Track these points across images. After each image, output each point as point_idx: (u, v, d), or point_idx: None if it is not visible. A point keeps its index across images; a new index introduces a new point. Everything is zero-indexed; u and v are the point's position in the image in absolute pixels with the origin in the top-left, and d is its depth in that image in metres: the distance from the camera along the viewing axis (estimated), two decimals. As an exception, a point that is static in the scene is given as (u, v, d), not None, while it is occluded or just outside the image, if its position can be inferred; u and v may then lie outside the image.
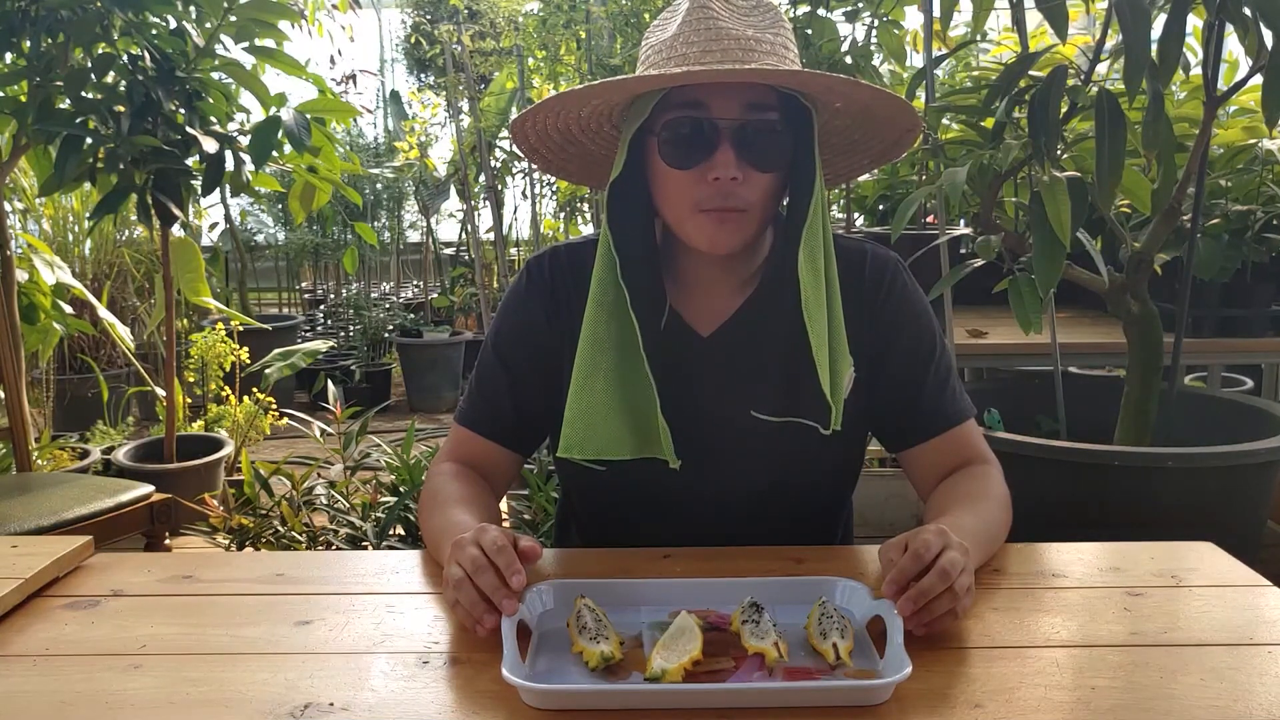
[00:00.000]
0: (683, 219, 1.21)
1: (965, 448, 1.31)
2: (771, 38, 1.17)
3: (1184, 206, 2.18)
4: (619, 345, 1.21)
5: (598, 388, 1.21)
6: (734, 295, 1.30)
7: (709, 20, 1.16)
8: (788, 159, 1.20)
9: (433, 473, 1.33)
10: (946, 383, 1.31)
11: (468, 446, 1.34)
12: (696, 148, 1.16)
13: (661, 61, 1.18)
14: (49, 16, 2.64)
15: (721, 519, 1.29)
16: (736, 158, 1.15)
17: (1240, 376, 3.89)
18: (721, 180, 1.16)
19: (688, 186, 1.18)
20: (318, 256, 6.63)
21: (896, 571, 0.97)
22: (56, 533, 2.15)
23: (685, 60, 1.15)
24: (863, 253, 1.32)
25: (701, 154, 1.16)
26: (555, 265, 1.34)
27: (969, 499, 1.22)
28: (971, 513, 1.19)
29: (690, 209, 1.19)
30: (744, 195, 1.17)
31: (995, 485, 1.27)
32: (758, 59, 1.15)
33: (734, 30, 1.16)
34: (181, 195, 2.90)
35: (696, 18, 1.17)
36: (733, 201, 1.17)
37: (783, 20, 1.21)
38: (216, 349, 3.86)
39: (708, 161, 1.16)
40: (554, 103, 1.20)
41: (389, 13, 7.31)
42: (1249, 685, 0.89)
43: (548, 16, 3.63)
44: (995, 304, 2.34)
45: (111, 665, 0.96)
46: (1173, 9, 1.86)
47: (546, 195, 5.09)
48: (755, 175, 1.17)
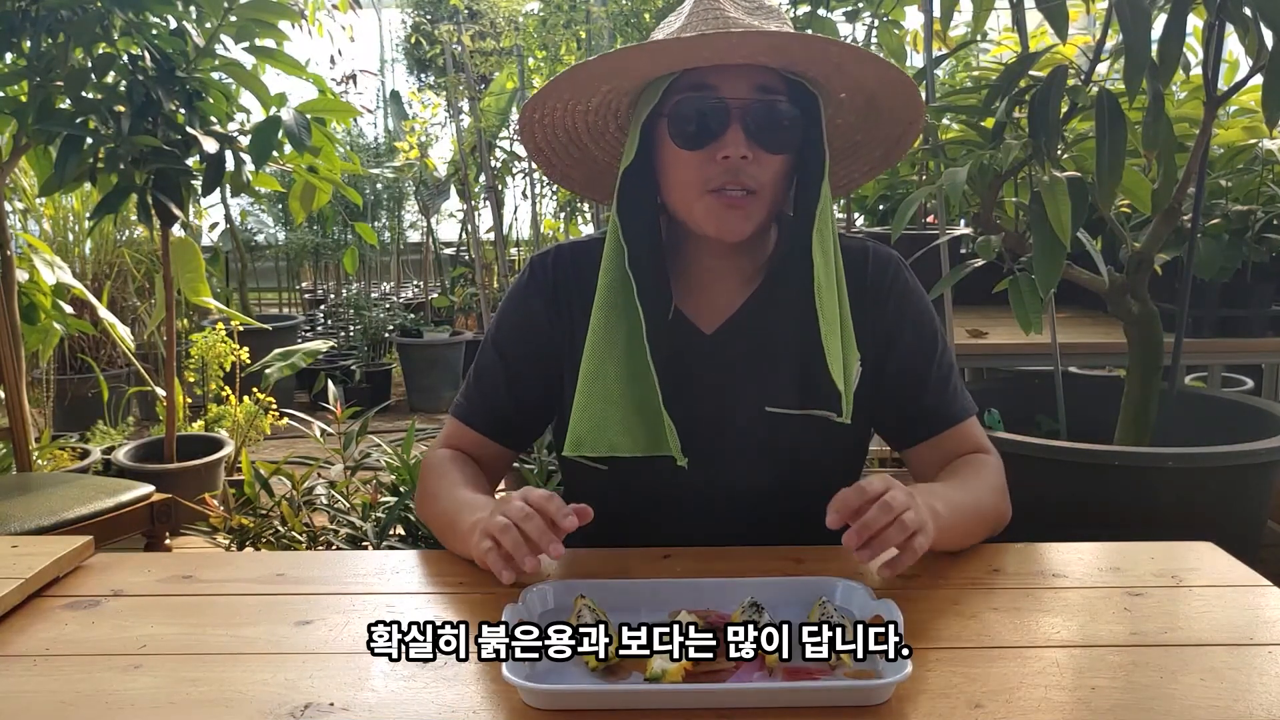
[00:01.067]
0: (691, 202, 1.22)
1: (967, 443, 1.32)
2: (776, 28, 1.19)
3: (1184, 206, 2.18)
4: (626, 341, 1.21)
5: (606, 384, 1.21)
6: (737, 292, 1.30)
7: (716, 11, 1.18)
8: (796, 142, 1.21)
9: (431, 458, 1.34)
10: (949, 380, 1.32)
11: (461, 439, 1.35)
12: (706, 128, 1.18)
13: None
14: (49, 16, 2.63)
15: (726, 517, 1.29)
16: (746, 137, 1.17)
17: (1240, 377, 3.89)
18: (731, 159, 1.17)
19: (697, 167, 1.19)
20: (318, 256, 6.63)
21: (837, 500, 1.03)
22: (57, 533, 2.15)
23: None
24: (864, 251, 1.32)
25: (711, 134, 1.18)
26: (559, 264, 1.34)
27: (952, 476, 1.26)
28: (949, 484, 1.22)
29: (699, 191, 1.20)
30: (754, 175, 1.18)
31: (987, 471, 1.28)
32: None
33: (741, 20, 1.18)
34: (182, 195, 2.90)
35: (705, 7, 1.19)
36: (742, 179, 1.18)
37: (783, 19, 1.24)
38: (217, 349, 3.86)
39: (718, 141, 1.17)
40: (565, 82, 1.20)
41: (389, 13, 7.32)
42: (1249, 685, 0.89)
43: (548, 16, 3.64)
44: (995, 304, 2.34)
45: (112, 665, 0.95)
46: (1173, 9, 1.86)
47: (547, 195, 5.09)
48: (765, 156, 1.18)
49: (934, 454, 1.32)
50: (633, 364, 1.21)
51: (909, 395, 1.31)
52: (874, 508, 1.02)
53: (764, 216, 1.23)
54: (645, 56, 1.17)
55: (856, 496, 1.03)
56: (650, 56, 1.16)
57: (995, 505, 1.25)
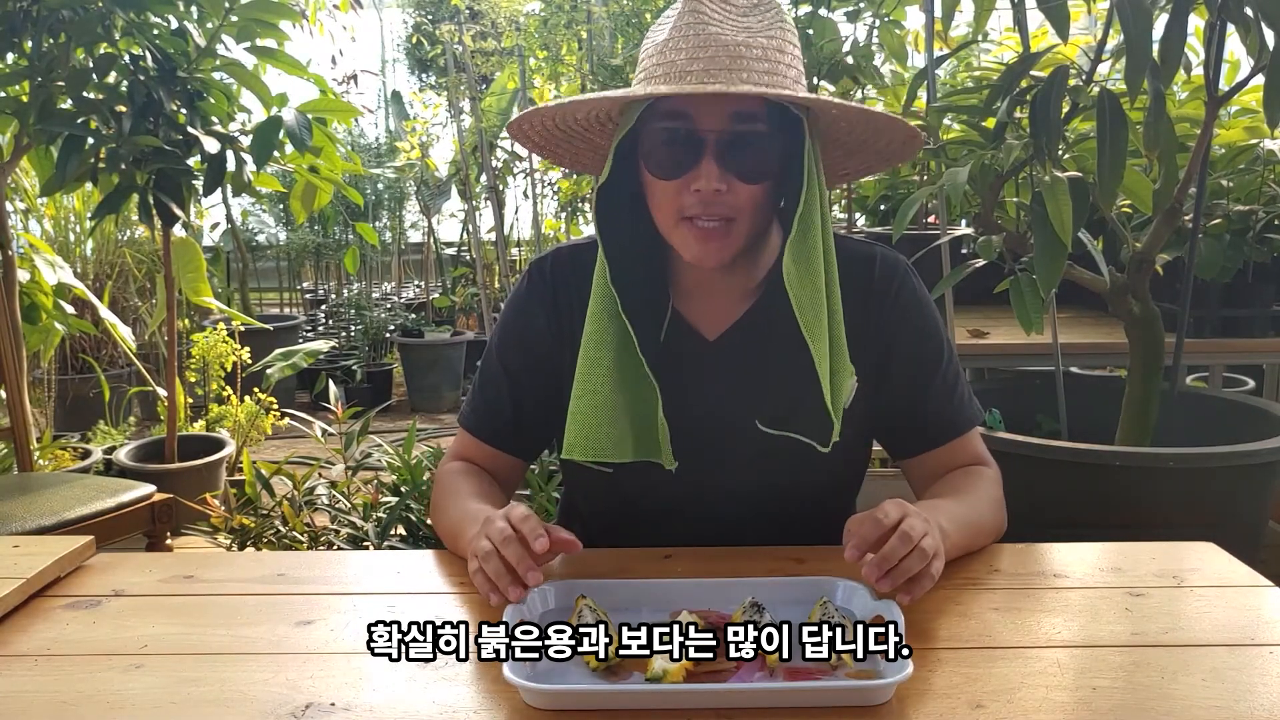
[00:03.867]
0: (669, 229, 1.21)
1: (965, 455, 1.31)
2: (765, 41, 1.14)
3: (1185, 207, 2.18)
4: (616, 349, 1.21)
5: (598, 390, 1.21)
6: (740, 300, 1.29)
7: (699, 26, 1.13)
8: (775, 169, 1.18)
9: (442, 472, 1.34)
10: (954, 390, 1.31)
11: (470, 451, 1.36)
12: (680, 158, 1.15)
13: (652, 68, 1.16)
14: (50, 16, 2.64)
15: (724, 522, 1.28)
16: (720, 169, 1.14)
17: (1241, 377, 3.89)
18: (704, 192, 1.15)
19: (673, 195, 1.17)
20: (319, 256, 6.63)
21: (857, 538, 1.01)
22: (58, 533, 2.15)
23: (673, 68, 1.13)
24: (872, 257, 1.30)
25: (685, 165, 1.15)
26: (558, 267, 1.34)
27: (955, 492, 1.24)
28: (953, 500, 1.20)
29: (675, 218, 1.18)
30: (729, 204, 1.16)
31: (987, 484, 1.28)
32: (745, 67, 1.12)
33: (724, 36, 1.13)
34: (183, 195, 2.90)
35: (687, 21, 1.14)
36: (716, 209, 1.16)
37: (783, 20, 1.18)
38: (218, 349, 3.86)
39: (692, 172, 1.15)
40: (540, 112, 1.20)
41: (390, 13, 7.32)
42: (1250, 685, 0.89)
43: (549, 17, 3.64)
44: (996, 304, 2.33)
45: (113, 665, 0.96)
46: (1174, 9, 1.86)
47: (548, 195, 5.09)
48: (741, 186, 1.16)
49: (932, 465, 1.31)
50: (625, 370, 1.20)
51: (909, 405, 1.30)
52: (894, 539, 1.00)
53: (743, 241, 1.20)
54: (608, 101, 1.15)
55: (874, 528, 1.01)
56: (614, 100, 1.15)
57: (994, 518, 1.25)
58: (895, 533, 1.00)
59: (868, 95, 3.03)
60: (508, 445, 1.35)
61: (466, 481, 1.29)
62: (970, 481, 1.27)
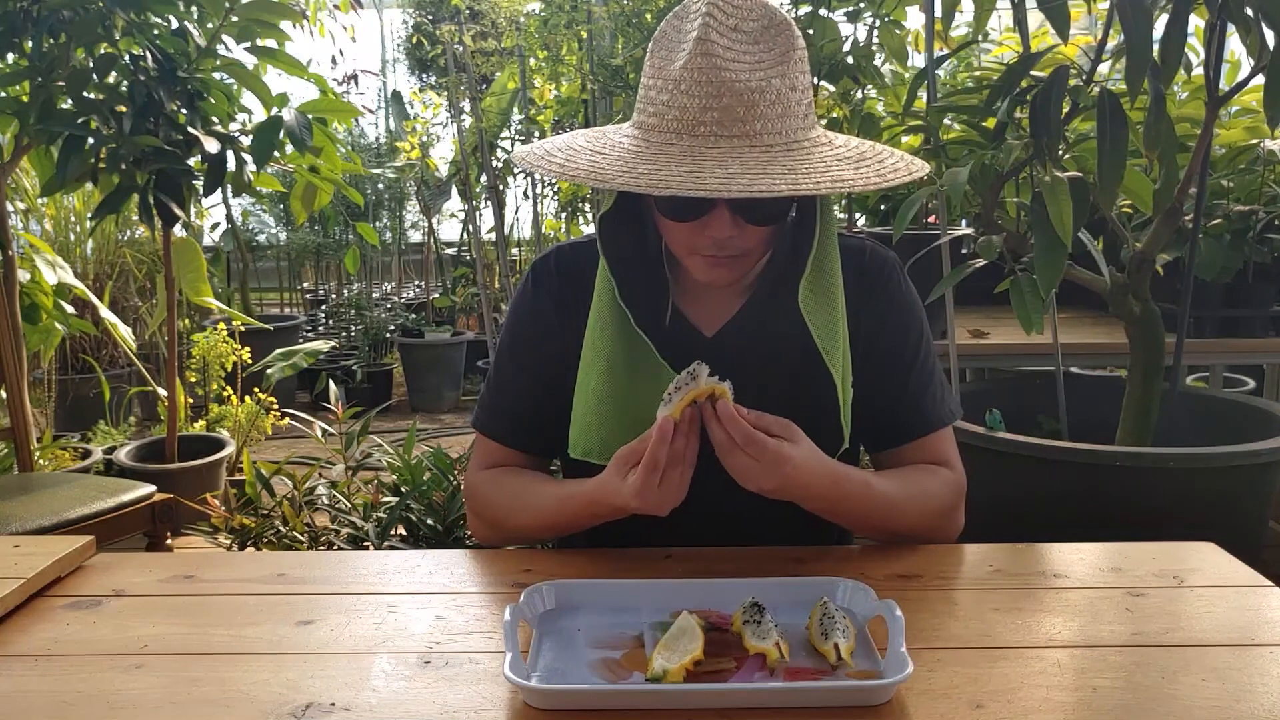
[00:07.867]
0: (680, 255, 1.23)
1: (930, 453, 1.31)
2: (779, 83, 1.09)
3: (1185, 207, 2.18)
4: (611, 351, 1.22)
5: (597, 389, 1.22)
6: (735, 296, 1.31)
7: (712, 70, 1.08)
8: (787, 209, 1.20)
9: (479, 480, 1.35)
10: (927, 388, 1.31)
11: (498, 456, 1.36)
12: (692, 207, 1.15)
13: (662, 109, 1.11)
14: (51, 17, 2.64)
15: (725, 520, 1.28)
16: (732, 217, 1.14)
17: (1242, 377, 3.89)
18: (718, 237, 1.16)
19: (685, 235, 1.18)
20: (319, 256, 6.62)
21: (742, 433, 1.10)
22: (58, 532, 2.15)
23: (685, 113, 1.09)
24: (863, 250, 1.33)
25: (696, 213, 1.15)
26: (561, 264, 1.35)
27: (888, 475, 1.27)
28: (872, 473, 1.25)
29: (687, 251, 1.20)
30: (740, 245, 1.17)
31: (929, 480, 1.28)
32: (759, 115, 1.08)
33: (737, 80, 1.08)
34: (183, 195, 2.90)
35: (699, 65, 1.08)
36: (729, 250, 1.17)
37: (793, 45, 1.12)
38: (218, 349, 3.86)
39: (703, 219, 1.15)
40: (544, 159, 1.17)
41: (390, 13, 7.31)
42: (1250, 685, 0.89)
43: (549, 17, 3.64)
44: (997, 304, 2.33)
45: (113, 665, 0.96)
46: (1175, 9, 1.86)
47: (548, 195, 5.09)
48: (753, 230, 1.17)
49: (897, 461, 1.32)
50: (628, 368, 1.22)
51: (884, 399, 1.31)
52: (753, 447, 1.09)
53: (753, 265, 1.24)
54: (617, 184, 1.09)
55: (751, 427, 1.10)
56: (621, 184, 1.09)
57: (914, 507, 1.25)
58: (759, 444, 1.09)
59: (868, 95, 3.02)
60: (532, 446, 1.36)
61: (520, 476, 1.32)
62: (913, 473, 1.28)
